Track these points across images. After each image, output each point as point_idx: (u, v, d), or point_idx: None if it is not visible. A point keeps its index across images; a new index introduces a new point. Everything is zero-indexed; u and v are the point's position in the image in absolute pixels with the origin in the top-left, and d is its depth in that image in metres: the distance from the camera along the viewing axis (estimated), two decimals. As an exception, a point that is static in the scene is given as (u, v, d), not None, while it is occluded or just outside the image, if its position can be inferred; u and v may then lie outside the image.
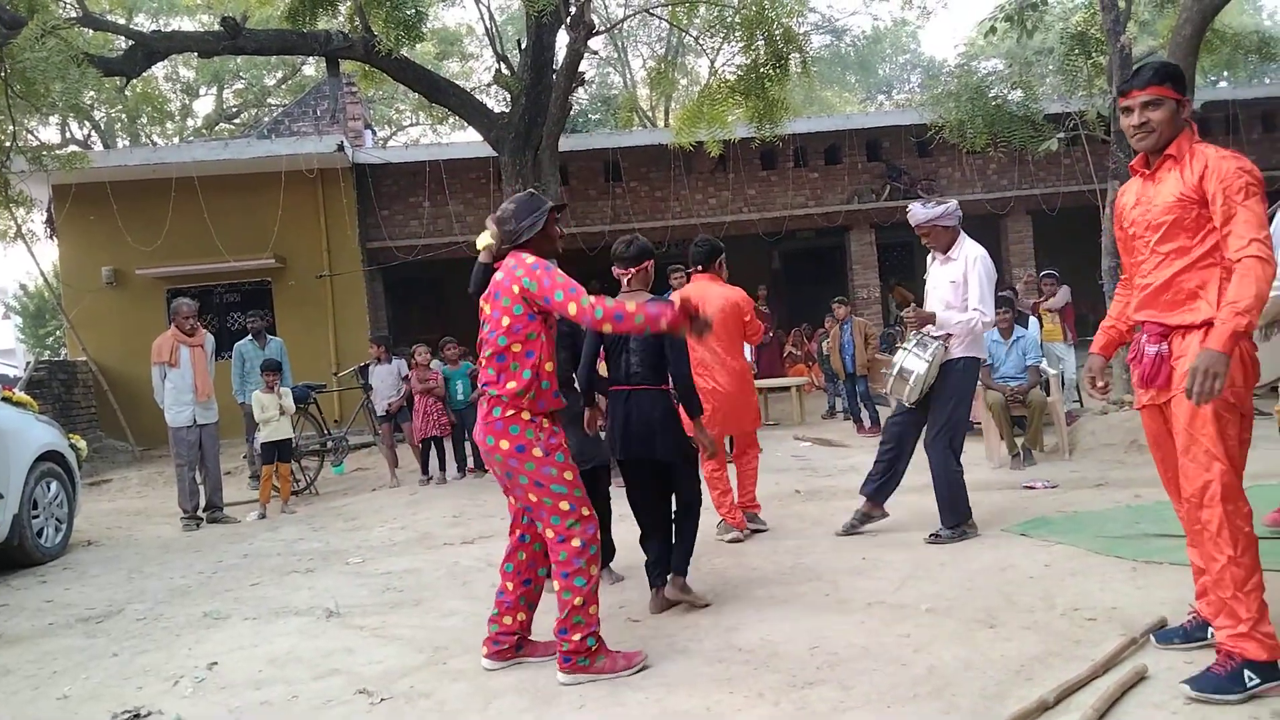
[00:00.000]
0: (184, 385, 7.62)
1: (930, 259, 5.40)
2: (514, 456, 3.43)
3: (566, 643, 3.41)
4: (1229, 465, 2.80)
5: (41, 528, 6.60)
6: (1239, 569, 2.77)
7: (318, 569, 5.73)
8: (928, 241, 5.27)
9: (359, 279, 14.38)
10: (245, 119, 26.40)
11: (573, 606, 3.40)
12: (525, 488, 3.45)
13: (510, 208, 3.61)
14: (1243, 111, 15.49)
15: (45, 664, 4.21)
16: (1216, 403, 2.77)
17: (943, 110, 11.68)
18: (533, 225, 3.56)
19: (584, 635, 3.40)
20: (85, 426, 12.57)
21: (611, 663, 3.44)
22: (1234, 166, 2.81)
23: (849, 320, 10.33)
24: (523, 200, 3.64)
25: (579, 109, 22.82)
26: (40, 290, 26.25)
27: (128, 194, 13.58)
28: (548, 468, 3.43)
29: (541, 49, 11.29)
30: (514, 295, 3.44)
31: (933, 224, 5.15)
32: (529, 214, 3.57)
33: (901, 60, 34.99)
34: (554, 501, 3.43)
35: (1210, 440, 2.81)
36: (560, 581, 3.44)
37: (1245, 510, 2.82)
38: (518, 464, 3.43)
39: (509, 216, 3.58)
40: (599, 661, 3.43)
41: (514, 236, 3.57)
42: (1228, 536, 2.79)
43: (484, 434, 3.50)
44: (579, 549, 3.41)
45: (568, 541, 3.41)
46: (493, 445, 3.46)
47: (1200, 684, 2.78)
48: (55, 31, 9.38)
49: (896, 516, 5.78)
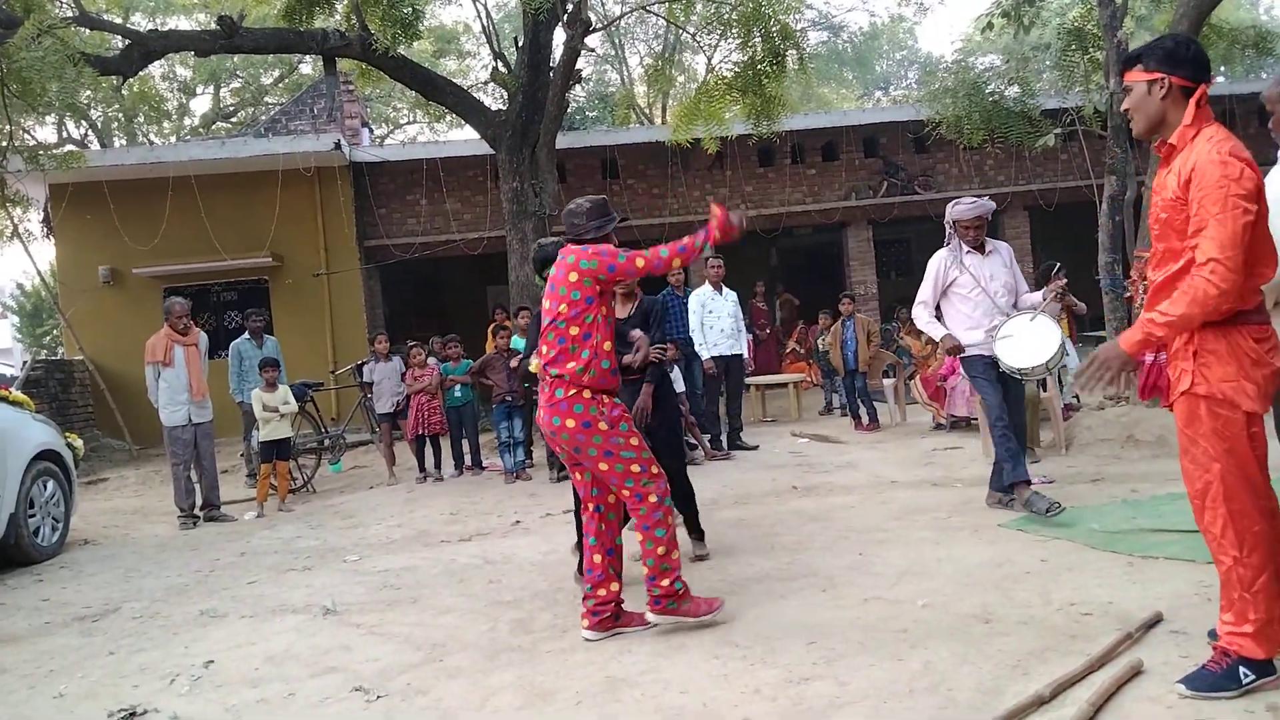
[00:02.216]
0: (178, 384, 7.60)
1: (955, 256, 5.54)
2: (581, 433, 3.71)
3: (657, 588, 3.75)
4: (1229, 464, 2.71)
5: (38, 527, 6.59)
6: (1245, 569, 2.71)
7: (315, 567, 5.72)
8: (975, 235, 5.51)
9: (356, 277, 14.37)
10: (242, 118, 26.38)
11: (657, 555, 3.74)
12: (595, 459, 3.74)
13: (585, 205, 3.96)
14: (1239, 106, 15.48)
15: (42, 663, 4.21)
16: (1208, 400, 2.73)
17: (940, 106, 11.68)
18: (599, 229, 3.90)
19: (671, 580, 3.75)
20: (82, 425, 12.56)
21: (695, 607, 3.78)
22: (1218, 175, 2.63)
23: (852, 317, 10.32)
24: (597, 203, 3.98)
25: (576, 106, 22.79)
26: (37, 289, 26.22)
27: (124, 193, 13.56)
28: (615, 438, 3.73)
29: (538, 46, 11.27)
30: (570, 283, 3.75)
31: (986, 217, 5.50)
32: (599, 217, 3.94)
33: (898, 56, 35.00)
34: (625, 466, 3.73)
35: (1207, 440, 2.74)
36: (642, 533, 3.77)
37: (1263, 506, 2.71)
38: (585, 439, 3.71)
39: (581, 213, 3.93)
40: (685, 605, 3.78)
41: (578, 232, 3.91)
42: (1232, 537, 2.72)
43: (549, 415, 3.78)
44: (655, 504, 3.74)
45: (645, 499, 3.74)
46: (559, 425, 3.74)
47: (1195, 683, 2.77)
48: (52, 31, 9.37)
49: (890, 511, 5.79)
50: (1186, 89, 2.78)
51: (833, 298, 11.27)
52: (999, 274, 5.51)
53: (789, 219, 15.65)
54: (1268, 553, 2.70)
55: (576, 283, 3.74)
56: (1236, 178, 2.62)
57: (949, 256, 5.57)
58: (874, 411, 10.04)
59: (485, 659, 3.71)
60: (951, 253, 5.58)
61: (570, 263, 3.77)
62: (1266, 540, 2.70)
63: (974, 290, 5.48)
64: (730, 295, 9.01)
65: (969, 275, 5.50)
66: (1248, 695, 2.69)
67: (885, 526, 5.39)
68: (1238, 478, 2.72)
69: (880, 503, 6.09)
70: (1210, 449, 2.74)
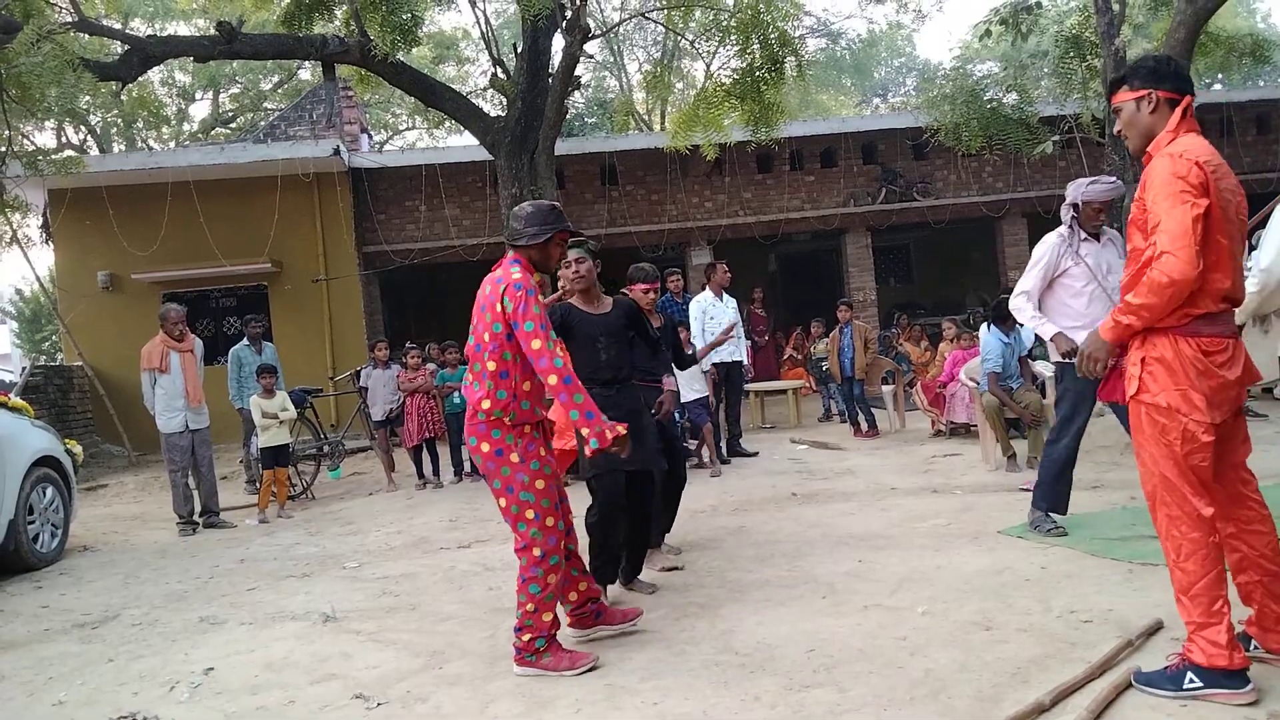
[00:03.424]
0: (175, 391, 7.59)
1: (1071, 244, 4.94)
2: (491, 460, 3.56)
3: (518, 640, 3.57)
4: (1168, 469, 2.80)
5: (37, 533, 6.58)
6: (1181, 574, 2.79)
7: (314, 574, 5.72)
8: (1099, 220, 4.96)
9: (355, 283, 14.38)
10: (241, 123, 26.41)
11: (526, 610, 3.55)
12: (498, 491, 3.59)
13: (527, 210, 3.75)
14: (1236, 114, 15.53)
15: (41, 670, 4.20)
16: (1150, 408, 2.82)
17: (938, 113, 11.71)
18: (534, 236, 3.66)
19: (533, 638, 3.54)
20: (81, 431, 12.54)
21: (557, 661, 3.55)
22: (1168, 171, 2.74)
23: (849, 324, 10.32)
24: (542, 209, 3.75)
25: (575, 113, 22.83)
26: (36, 295, 26.20)
27: (124, 199, 13.57)
28: (520, 474, 3.53)
29: (537, 53, 11.30)
30: (495, 313, 3.52)
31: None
32: (538, 224, 3.68)
33: (897, 64, 35.06)
34: (520, 509, 3.54)
35: (1151, 445, 2.85)
36: (519, 584, 3.59)
37: (1196, 515, 2.76)
38: (494, 467, 3.56)
39: (522, 216, 3.72)
40: (545, 659, 3.56)
41: (513, 237, 3.71)
42: (1170, 544, 2.82)
43: (468, 434, 3.65)
44: (538, 559, 3.53)
45: (529, 549, 3.54)
46: (474, 446, 3.61)
47: (1145, 677, 2.87)
48: (51, 36, 9.38)
49: (889, 518, 5.79)
50: (1172, 101, 2.90)
51: (831, 304, 11.29)
52: (1116, 266, 4.80)
53: (787, 225, 15.67)
54: (1203, 561, 2.76)
55: (499, 314, 3.50)
56: (1184, 174, 2.73)
57: (1062, 244, 4.95)
58: (872, 418, 10.04)
59: (485, 666, 3.71)
60: (1066, 239, 4.95)
61: (500, 291, 3.50)
62: (1203, 549, 2.76)
63: (1088, 284, 4.88)
64: (730, 302, 9.02)
65: (1084, 266, 4.88)
66: (1253, 705, 2.70)
67: (885, 533, 5.39)
68: (1174, 484, 2.81)
69: (880, 510, 6.10)
70: (1154, 453, 2.85)
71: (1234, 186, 2.88)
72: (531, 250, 3.68)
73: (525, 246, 3.68)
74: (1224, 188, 2.82)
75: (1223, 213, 2.79)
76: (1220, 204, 2.78)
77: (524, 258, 3.68)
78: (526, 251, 3.68)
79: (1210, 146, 2.86)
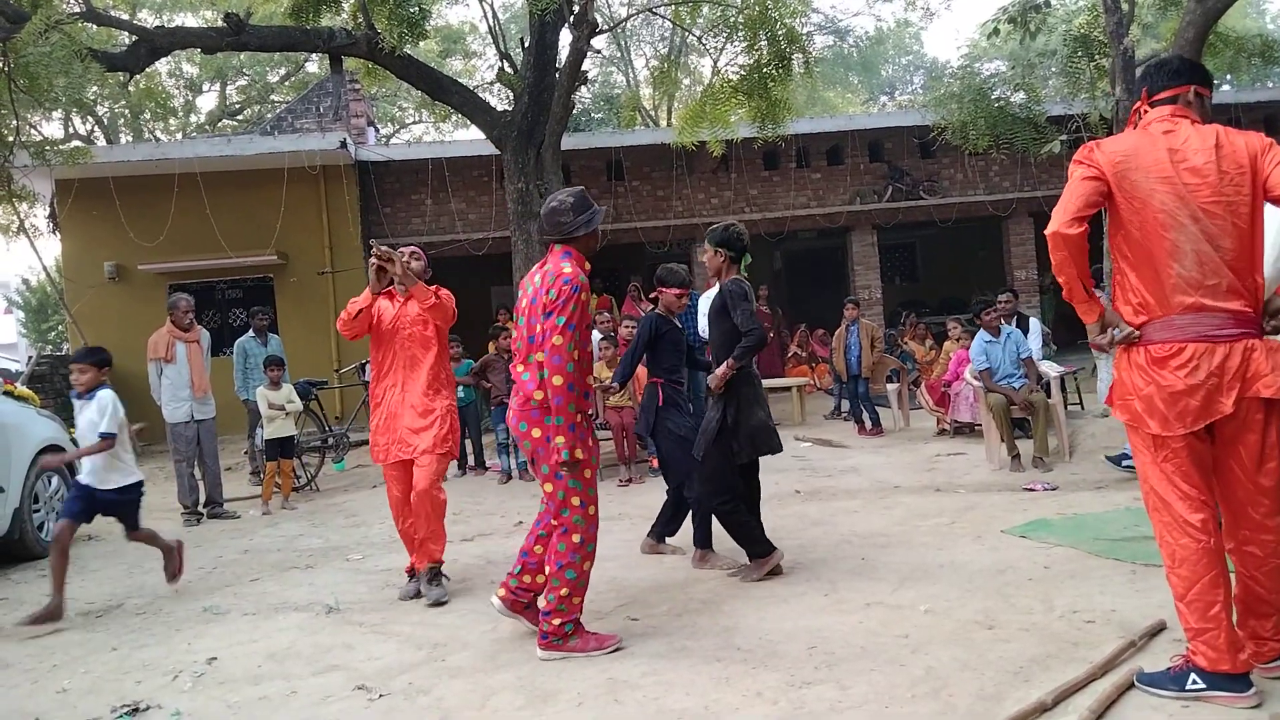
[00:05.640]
0: (181, 381, 7.62)
1: None
2: (542, 445, 3.61)
3: (547, 624, 3.62)
4: (1151, 477, 2.82)
5: (42, 522, 6.60)
6: (1176, 580, 2.79)
7: (318, 565, 5.73)
8: None
9: (361, 276, 14.34)
10: (248, 115, 26.42)
11: (560, 595, 3.60)
12: (545, 476, 3.64)
13: (569, 201, 3.70)
14: (1245, 115, 15.46)
15: (44, 658, 4.22)
16: (1121, 416, 2.89)
17: (945, 112, 11.67)
18: (588, 224, 3.70)
19: (563, 621, 3.61)
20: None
21: (584, 643, 3.62)
22: None
23: (856, 322, 10.31)
24: (581, 197, 3.74)
25: (582, 108, 22.80)
26: (42, 285, 26.25)
27: (130, 189, 13.58)
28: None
29: (544, 47, 11.29)
30: (546, 303, 3.55)
31: None
32: (586, 210, 3.70)
33: (904, 61, 34.99)
34: (567, 495, 3.61)
35: (1135, 453, 2.90)
36: (553, 569, 3.62)
37: (1181, 523, 2.74)
38: (544, 453, 3.61)
39: (567, 209, 3.68)
40: (572, 641, 3.62)
41: (567, 230, 3.69)
42: (1164, 550, 2.82)
43: (517, 420, 3.67)
44: (577, 544, 3.62)
45: (569, 535, 3.62)
46: (525, 431, 3.65)
47: (1148, 677, 2.88)
48: (59, 27, 9.39)
49: (893, 516, 5.79)
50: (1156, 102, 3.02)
51: (837, 302, 11.27)
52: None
53: (793, 223, 15.65)
54: (1195, 567, 2.74)
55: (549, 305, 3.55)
56: (1078, 156, 2.93)
57: None
58: (876, 416, 10.03)
59: (486, 659, 3.72)
60: None
61: (550, 283, 3.55)
62: (1194, 555, 2.74)
63: None
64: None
65: None
66: (1256, 708, 2.69)
67: (888, 531, 5.39)
68: (1158, 492, 2.82)
69: (883, 508, 6.10)
70: (1139, 460, 2.89)
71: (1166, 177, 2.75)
72: (589, 239, 3.72)
73: (583, 237, 3.70)
74: (1138, 180, 2.78)
75: (1138, 211, 2.78)
76: (1133, 198, 2.79)
77: (575, 249, 3.69)
78: (583, 242, 3.71)
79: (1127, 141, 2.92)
